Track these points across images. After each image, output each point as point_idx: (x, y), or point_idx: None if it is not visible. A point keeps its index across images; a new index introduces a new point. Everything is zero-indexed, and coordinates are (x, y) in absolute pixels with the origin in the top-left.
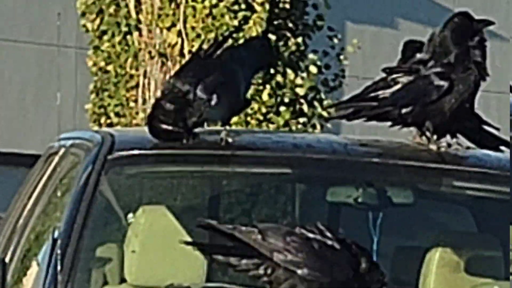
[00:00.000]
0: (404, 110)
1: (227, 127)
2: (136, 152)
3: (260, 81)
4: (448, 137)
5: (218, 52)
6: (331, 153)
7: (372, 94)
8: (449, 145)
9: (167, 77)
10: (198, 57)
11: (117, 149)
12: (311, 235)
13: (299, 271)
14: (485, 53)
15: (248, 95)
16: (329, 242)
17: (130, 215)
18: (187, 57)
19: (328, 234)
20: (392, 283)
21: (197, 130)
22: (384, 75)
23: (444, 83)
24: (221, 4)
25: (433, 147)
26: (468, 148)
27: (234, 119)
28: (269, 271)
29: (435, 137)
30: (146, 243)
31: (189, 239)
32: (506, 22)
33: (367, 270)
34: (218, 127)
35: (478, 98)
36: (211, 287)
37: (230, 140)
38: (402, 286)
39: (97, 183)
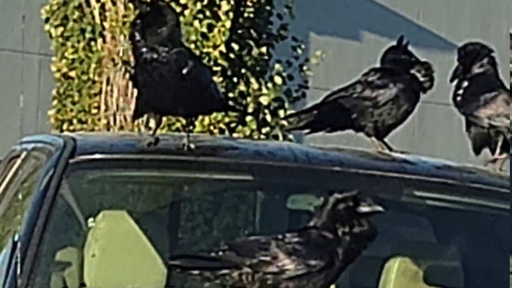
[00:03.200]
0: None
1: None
2: (97, 156)
3: (223, 90)
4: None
5: None
6: (292, 161)
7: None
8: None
9: (130, 84)
10: None
11: (79, 153)
12: (279, 236)
13: (282, 275)
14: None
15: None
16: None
17: (91, 219)
18: None
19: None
20: None
21: (159, 135)
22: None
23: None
24: (186, 12)
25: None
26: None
27: (197, 127)
28: (251, 279)
29: (375, 140)
30: (106, 247)
31: (149, 245)
32: (470, 36)
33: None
34: (181, 134)
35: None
36: None
37: (192, 146)
38: None
39: (58, 187)
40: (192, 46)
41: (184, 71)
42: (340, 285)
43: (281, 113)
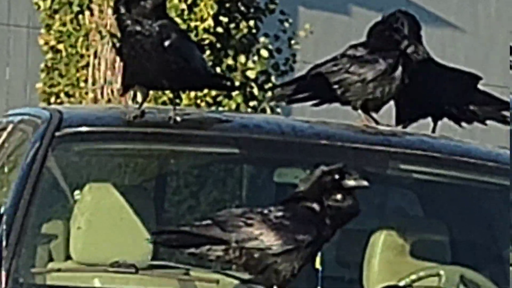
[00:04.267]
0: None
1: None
2: (83, 129)
3: (210, 63)
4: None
5: None
6: (279, 134)
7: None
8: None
9: (117, 58)
10: None
11: (65, 125)
12: (265, 211)
13: (269, 250)
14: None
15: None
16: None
17: (77, 192)
18: None
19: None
20: (336, 265)
21: (145, 108)
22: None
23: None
24: None
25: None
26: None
27: (184, 101)
28: (237, 254)
29: (362, 113)
30: (92, 220)
31: (135, 218)
32: (458, 11)
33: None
34: (167, 107)
35: None
36: (156, 265)
37: (178, 118)
38: (346, 268)
39: (44, 160)
40: (179, 20)
41: (166, 43)
42: (326, 258)
43: (269, 86)
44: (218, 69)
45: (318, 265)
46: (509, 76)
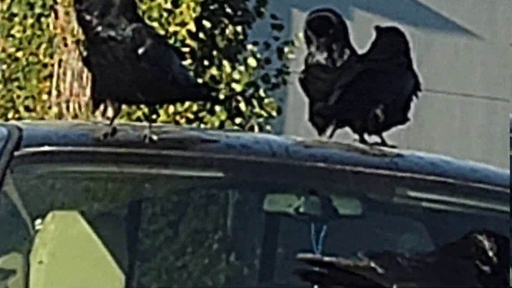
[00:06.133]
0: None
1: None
2: (47, 148)
3: (192, 74)
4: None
5: None
6: (269, 155)
7: None
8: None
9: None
10: None
11: (25, 144)
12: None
13: None
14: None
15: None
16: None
17: (38, 221)
18: None
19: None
20: None
21: (117, 125)
22: None
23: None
24: None
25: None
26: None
27: (162, 117)
28: None
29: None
30: (55, 253)
31: (105, 251)
32: (474, 16)
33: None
34: (142, 123)
35: (441, 100)
36: None
37: (154, 137)
38: None
39: (1, 183)
40: (155, 24)
41: (140, 50)
42: None
43: (257, 101)
44: (199, 81)
45: None
46: None
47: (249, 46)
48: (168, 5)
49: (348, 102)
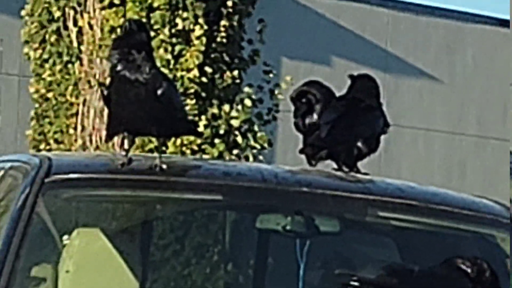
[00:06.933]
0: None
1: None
2: (72, 176)
3: (195, 112)
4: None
5: None
6: (261, 181)
7: None
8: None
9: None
10: None
11: (54, 172)
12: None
13: None
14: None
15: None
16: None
17: (66, 236)
18: None
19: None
20: None
21: (132, 155)
22: None
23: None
24: (157, 37)
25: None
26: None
27: (170, 148)
28: None
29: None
30: (80, 264)
31: (122, 262)
32: (435, 61)
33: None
34: (153, 154)
35: (407, 134)
36: None
37: (164, 166)
38: None
39: (34, 205)
40: (165, 70)
41: (159, 92)
42: None
43: (250, 135)
44: (203, 118)
45: None
46: (483, 125)
47: (245, 89)
48: (169, 56)
49: (337, 136)
